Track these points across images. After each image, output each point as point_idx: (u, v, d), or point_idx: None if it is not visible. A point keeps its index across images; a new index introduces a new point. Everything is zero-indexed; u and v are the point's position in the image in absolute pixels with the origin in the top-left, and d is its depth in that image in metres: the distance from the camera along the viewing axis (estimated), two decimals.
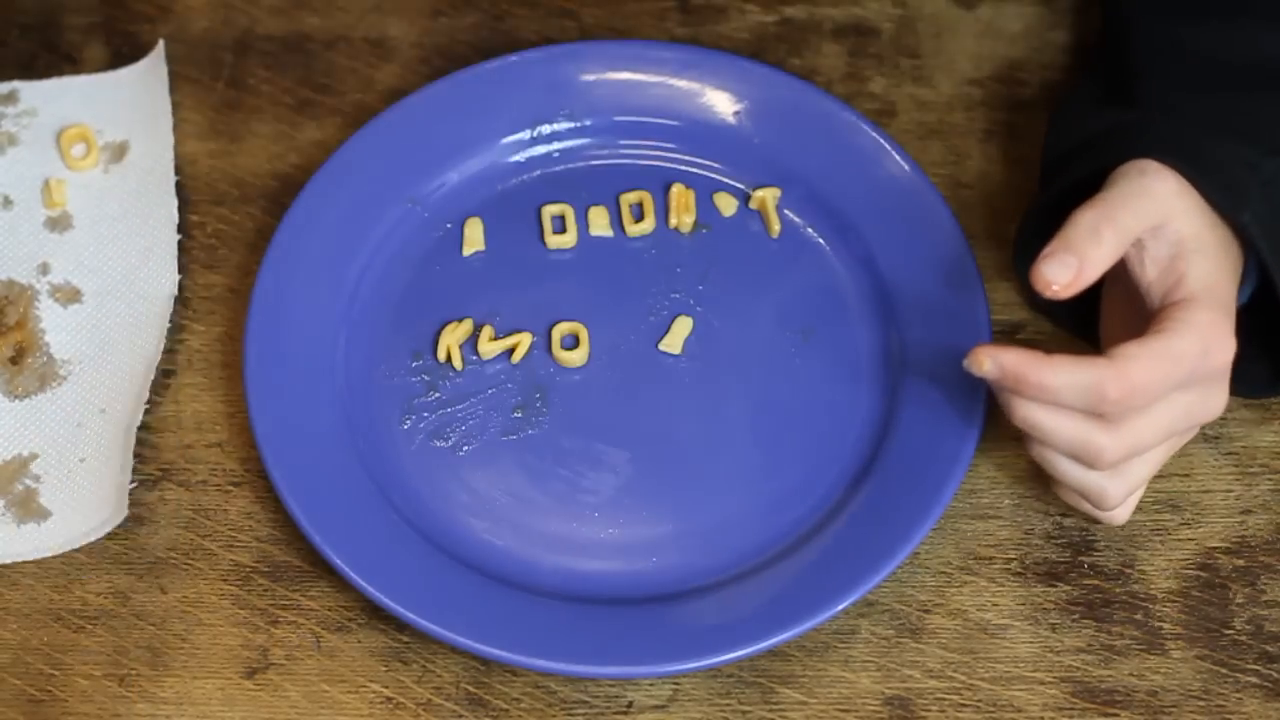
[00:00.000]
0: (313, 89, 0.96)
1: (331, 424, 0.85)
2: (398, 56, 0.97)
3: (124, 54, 0.97)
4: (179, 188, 0.93)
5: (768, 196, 0.91)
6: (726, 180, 0.92)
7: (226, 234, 0.92)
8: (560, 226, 0.91)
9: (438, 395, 0.87)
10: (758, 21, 0.98)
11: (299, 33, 0.98)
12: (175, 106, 0.96)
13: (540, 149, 0.93)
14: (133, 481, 0.85)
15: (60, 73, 0.96)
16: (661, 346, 0.88)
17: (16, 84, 0.95)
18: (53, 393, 0.88)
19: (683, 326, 0.88)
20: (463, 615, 0.80)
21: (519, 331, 0.88)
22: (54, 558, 0.84)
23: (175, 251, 0.91)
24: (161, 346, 0.88)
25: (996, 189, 0.92)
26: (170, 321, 0.89)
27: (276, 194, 0.93)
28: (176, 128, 0.95)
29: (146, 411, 0.87)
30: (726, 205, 0.92)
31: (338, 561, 0.81)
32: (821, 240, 0.90)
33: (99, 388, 0.88)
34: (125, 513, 0.84)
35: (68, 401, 0.87)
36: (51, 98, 0.95)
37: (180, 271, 0.91)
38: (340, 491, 0.83)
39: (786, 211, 0.91)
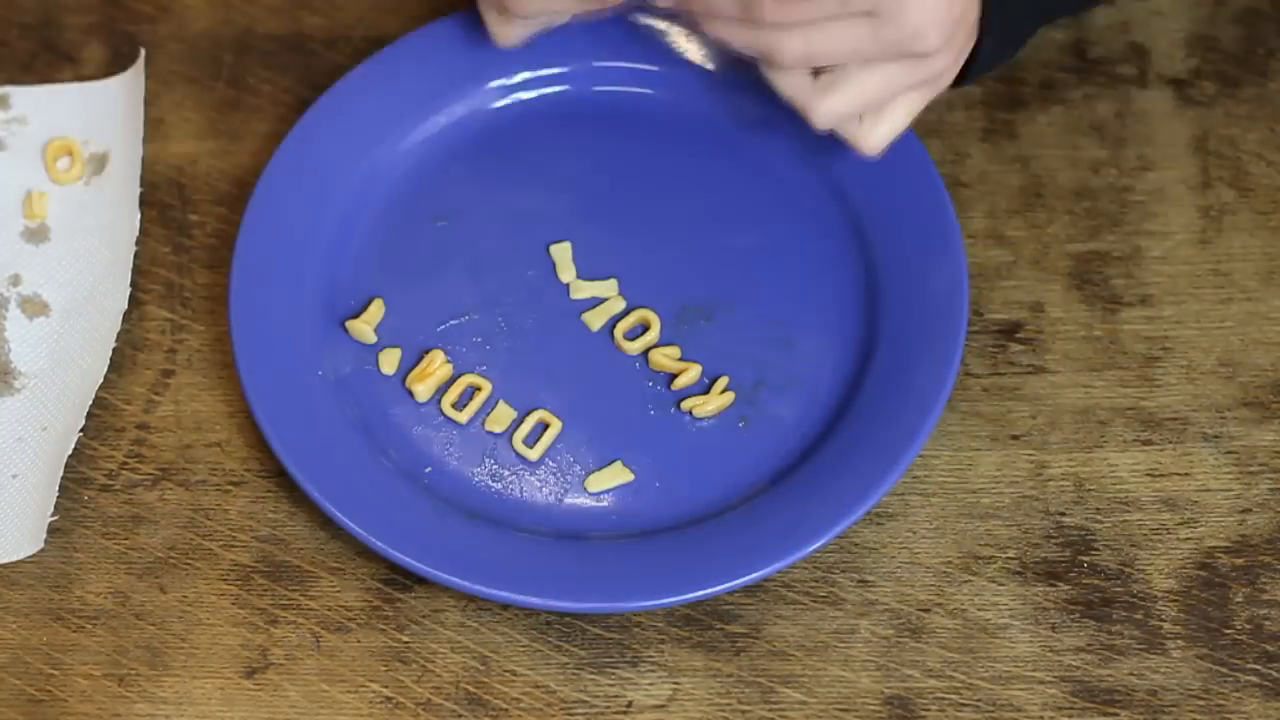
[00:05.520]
0: (312, 89, 0.96)
1: (329, 405, 0.86)
2: None
3: (124, 54, 0.97)
4: (179, 188, 0.93)
5: None
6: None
7: (226, 233, 0.92)
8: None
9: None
10: None
11: (299, 32, 0.98)
12: (175, 106, 0.96)
13: (523, 95, 0.94)
14: (54, 515, 0.84)
15: (60, 72, 0.96)
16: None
17: (9, 89, 0.95)
18: (3, 405, 0.87)
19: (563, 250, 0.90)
20: (482, 565, 0.81)
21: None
22: (53, 557, 0.84)
23: (130, 267, 0.89)
24: (105, 367, 0.87)
25: (996, 188, 0.92)
26: (168, 322, 0.90)
27: None
28: (176, 127, 0.95)
29: (146, 411, 0.87)
30: None
31: (353, 528, 0.81)
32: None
33: (46, 404, 0.87)
34: (41, 544, 0.83)
35: (14, 415, 0.86)
36: (42, 106, 0.94)
37: (180, 272, 0.91)
38: (345, 461, 0.84)
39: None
